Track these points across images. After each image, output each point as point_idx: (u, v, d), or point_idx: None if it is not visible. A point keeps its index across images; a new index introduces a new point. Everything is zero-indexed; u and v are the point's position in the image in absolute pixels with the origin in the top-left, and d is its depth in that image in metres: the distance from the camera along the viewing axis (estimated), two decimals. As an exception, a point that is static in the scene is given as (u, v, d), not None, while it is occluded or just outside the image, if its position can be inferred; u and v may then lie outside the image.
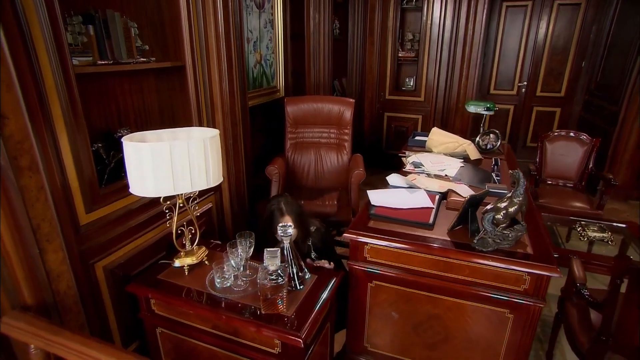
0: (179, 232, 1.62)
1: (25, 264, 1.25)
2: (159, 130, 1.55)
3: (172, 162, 1.32)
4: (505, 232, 1.57)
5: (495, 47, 5.03)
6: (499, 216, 1.56)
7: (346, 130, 2.99)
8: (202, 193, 2.13)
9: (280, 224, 1.46)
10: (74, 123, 1.39)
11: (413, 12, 4.64)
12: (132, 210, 1.69)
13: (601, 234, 2.30)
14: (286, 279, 1.33)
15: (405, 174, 2.41)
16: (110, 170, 1.69)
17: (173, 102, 2.08)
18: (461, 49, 4.23)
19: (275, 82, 3.34)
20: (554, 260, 1.54)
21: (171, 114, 2.11)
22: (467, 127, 4.36)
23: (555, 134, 3.06)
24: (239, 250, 1.47)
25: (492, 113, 3.04)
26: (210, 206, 2.23)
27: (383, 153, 5.04)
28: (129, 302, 1.72)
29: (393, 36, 4.56)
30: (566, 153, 3.06)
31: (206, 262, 1.64)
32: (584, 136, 3.01)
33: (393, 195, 2.02)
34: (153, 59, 1.85)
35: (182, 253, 1.60)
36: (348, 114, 2.94)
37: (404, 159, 2.74)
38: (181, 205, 1.57)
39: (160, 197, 1.48)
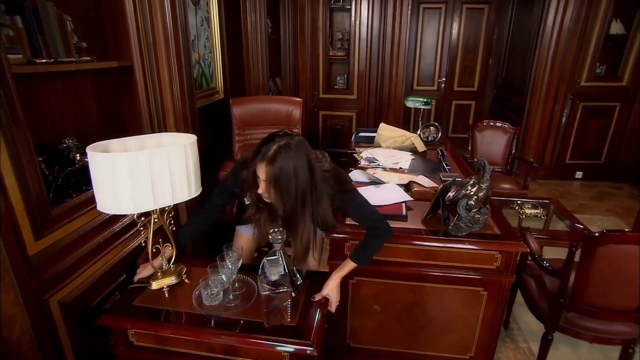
0: (154, 250, 1.44)
1: (-32, 311, 1.01)
2: (123, 138, 1.36)
3: (152, 173, 1.16)
4: (477, 216, 1.68)
5: (416, 46, 5.38)
6: (471, 202, 1.66)
7: (296, 130, 2.95)
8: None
9: (272, 230, 1.37)
10: (15, 134, 1.15)
11: (341, 12, 4.76)
12: (87, 232, 1.47)
13: (535, 210, 2.61)
14: (290, 288, 1.27)
15: (362, 169, 2.46)
16: (56, 188, 1.44)
17: (117, 108, 1.85)
18: (389, 47, 4.44)
19: (214, 83, 3.16)
20: (520, 237, 1.70)
21: (115, 121, 1.88)
22: (400, 122, 4.61)
23: (484, 123, 3.39)
24: (229, 263, 1.36)
25: (429, 107, 3.26)
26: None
27: (320, 151, 5.08)
28: (90, 339, 1.49)
29: (324, 36, 4.62)
30: (493, 141, 3.40)
31: (186, 280, 1.48)
32: (506, 125, 3.37)
33: (367, 194, 2.04)
34: (94, 57, 1.62)
35: (159, 273, 1.43)
36: (297, 113, 2.91)
37: (356, 155, 2.79)
38: (155, 220, 1.40)
39: (129, 214, 1.30)
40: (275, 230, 1.36)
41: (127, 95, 1.82)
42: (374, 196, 1.99)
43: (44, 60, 1.34)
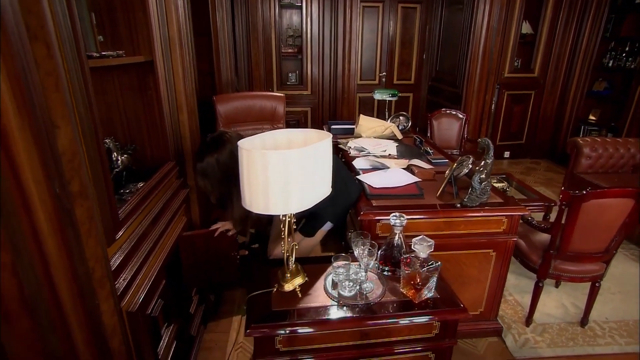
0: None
1: (84, 323, 0.94)
2: (251, 137, 1.30)
3: (316, 167, 1.19)
4: (486, 187, 1.94)
5: (358, 42, 5.66)
6: (483, 176, 1.91)
7: (280, 125, 2.99)
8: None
9: (392, 215, 1.47)
10: (92, 130, 1.07)
11: (291, 9, 4.83)
12: (140, 235, 1.39)
13: (501, 184, 3.01)
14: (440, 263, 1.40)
15: (352, 158, 2.61)
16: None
17: (129, 105, 1.74)
18: (342, 44, 4.65)
19: (186, 80, 3.04)
20: (519, 203, 2.00)
21: (125, 119, 1.76)
22: (355, 115, 4.85)
23: (442, 112, 3.77)
24: (366, 251, 1.40)
25: (396, 99, 3.52)
26: (185, 220, 1.96)
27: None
28: (152, 353, 1.42)
29: (276, 33, 4.65)
30: (448, 127, 3.79)
31: (306, 277, 1.48)
32: (459, 113, 3.79)
33: (382, 177, 2.19)
34: (123, 52, 1.51)
35: (287, 275, 1.41)
36: (281, 108, 2.95)
37: (341, 146, 2.93)
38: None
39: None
40: (396, 215, 1.45)
41: (141, 91, 1.72)
42: (386, 180, 2.16)
43: (94, 55, 1.24)
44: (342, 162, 2.09)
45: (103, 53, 1.32)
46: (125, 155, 1.48)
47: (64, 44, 0.94)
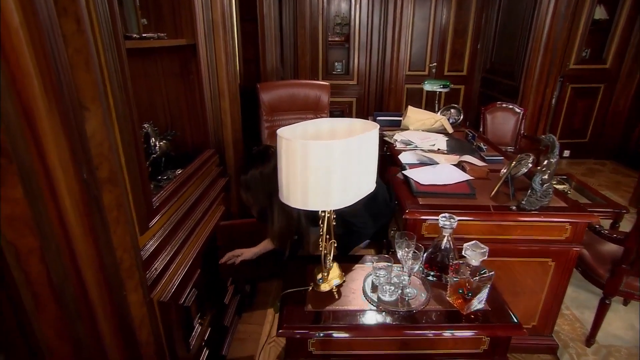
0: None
1: (111, 314, 0.90)
2: (292, 125, 1.23)
3: (360, 160, 1.10)
4: (548, 190, 1.73)
5: (408, 31, 5.41)
6: (545, 177, 1.71)
7: (324, 115, 2.89)
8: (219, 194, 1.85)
9: (442, 215, 1.37)
10: (127, 115, 1.03)
11: (339, -4, 4.69)
12: (177, 221, 1.36)
13: (562, 186, 2.73)
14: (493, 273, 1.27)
15: (398, 152, 2.47)
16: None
17: (171, 89, 1.71)
18: (391, 32, 4.45)
19: (231, 67, 3.02)
20: (586, 209, 1.77)
21: (167, 104, 1.74)
22: (402, 107, 4.65)
23: (497, 105, 3.49)
24: (410, 254, 1.31)
25: (447, 90, 3.30)
26: (223, 209, 1.93)
27: (320, 138, 5.04)
28: (183, 343, 1.40)
29: (323, 21, 4.54)
30: (503, 122, 3.51)
31: (344, 278, 1.40)
32: (516, 107, 3.49)
33: (430, 173, 2.04)
34: (165, 35, 1.48)
35: (325, 274, 1.33)
36: (325, 98, 2.85)
37: (387, 138, 2.79)
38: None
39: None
40: (445, 215, 1.35)
41: (182, 76, 1.70)
42: (435, 176, 2.00)
43: (136, 36, 1.20)
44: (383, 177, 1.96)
45: (144, 35, 1.28)
46: (164, 141, 1.46)
47: (100, 22, 0.90)
